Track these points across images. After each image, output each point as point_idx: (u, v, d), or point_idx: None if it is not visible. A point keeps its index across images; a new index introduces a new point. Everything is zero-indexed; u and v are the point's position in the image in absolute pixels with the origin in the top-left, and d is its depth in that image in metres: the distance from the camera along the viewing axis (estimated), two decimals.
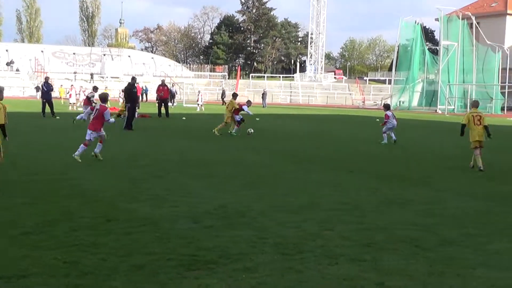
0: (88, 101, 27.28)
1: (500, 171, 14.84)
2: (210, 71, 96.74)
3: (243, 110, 23.37)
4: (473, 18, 70.11)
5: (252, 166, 13.96)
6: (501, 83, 68.47)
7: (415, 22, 72.44)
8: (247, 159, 15.43)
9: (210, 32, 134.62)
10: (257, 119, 35.00)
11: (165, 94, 33.77)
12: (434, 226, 8.17)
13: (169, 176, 12.05)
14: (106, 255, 6.32)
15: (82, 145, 13.65)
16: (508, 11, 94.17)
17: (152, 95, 66.06)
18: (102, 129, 14.02)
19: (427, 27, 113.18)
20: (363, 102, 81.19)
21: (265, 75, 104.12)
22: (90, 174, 11.91)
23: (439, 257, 6.65)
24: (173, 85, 56.96)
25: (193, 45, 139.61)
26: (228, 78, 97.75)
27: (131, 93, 25.30)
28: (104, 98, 14.28)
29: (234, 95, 24.66)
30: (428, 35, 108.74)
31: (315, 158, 16.22)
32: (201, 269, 5.98)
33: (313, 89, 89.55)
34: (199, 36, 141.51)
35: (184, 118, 33.14)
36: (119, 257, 6.26)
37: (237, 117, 23.18)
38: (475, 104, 16.18)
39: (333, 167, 14.34)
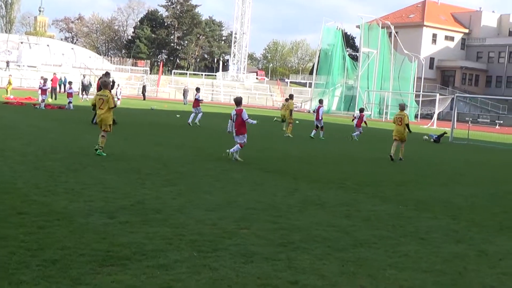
0: (197, 101, 28.25)
1: (413, 177, 15.39)
2: (132, 65, 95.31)
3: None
4: (392, 27, 72.33)
5: (173, 163, 13.87)
6: (415, 91, 70.90)
7: (337, 28, 73.91)
8: (168, 155, 15.31)
9: (133, 26, 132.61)
10: (178, 116, 34.82)
11: None
12: (348, 228, 8.38)
13: (86, 170, 11.78)
14: (16, 249, 6.11)
15: (238, 145, 15.19)
16: (425, 23, 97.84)
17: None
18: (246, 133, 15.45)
19: (348, 33, 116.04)
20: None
21: (188, 72, 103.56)
22: (3, 165, 11.48)
23: (352, 258, 6.82)
24: (84, 77, 55.40)
25: (116, 38, 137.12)
26: (150, 73, 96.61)
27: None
28: (238, 101, 15.61)
29: (291, 96, 27.48)
30: (349, 41, 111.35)
31: None
32: (115, 265, 5.88)
33: (235, 89, 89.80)
34: (122, 29, 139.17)
35: None
36: (30, 251, 6.07)
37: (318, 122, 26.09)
38: (401, 107, 19.66)
39: (252, 167, 14.42)
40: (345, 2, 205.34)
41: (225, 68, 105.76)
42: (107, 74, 25.45)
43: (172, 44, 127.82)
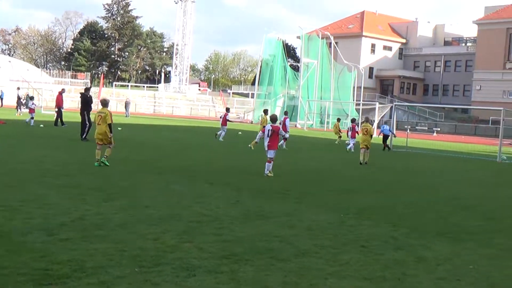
0: (226, 121, 29.77)
1: (354, 185, 15.63)
2: (72, 78, 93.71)
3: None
4: (332, 38, 73.47)
5: (114, 177, 13.68)
6: (356, 100, 72.12)
7: (278, 39, 74.55)
8: (110, 169, 15.07)
9: (72, 38, 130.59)
10: (119, 128, 34.40)
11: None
12: (291, 238, 8.45)
13: (25, 186, 11.51)
14: None
15: (267, 163, 15.97)
16: (364, 33, 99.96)
17: (9, 100, 63.19)
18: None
19: (289, 44, 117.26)
20: None
21: (129, 84, 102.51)
22: None
23: (294, 268, 6.88)
24: (18, 89, 54.27)
25: (54, 50, 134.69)
26: (91, 86, 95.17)
27: (87, 102, 25.28)
28: (274, 119, 16.61)
29: (265, 111, 28.09)
30: (290, 52, 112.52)
31: (177, 169, 16.19)
32: (54, 284, 5.77)
33: (177, 100, 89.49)
34: (60, 41, 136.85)
35: (42, 125, 31.81)
36: None
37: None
38: (366, 120, 22.71)
39: (194, 179, 14.38)
40: (286, 13, 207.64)
41: (167, 79, 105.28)
42: (87, 90, 25.98)
43: (113, 56, 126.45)
